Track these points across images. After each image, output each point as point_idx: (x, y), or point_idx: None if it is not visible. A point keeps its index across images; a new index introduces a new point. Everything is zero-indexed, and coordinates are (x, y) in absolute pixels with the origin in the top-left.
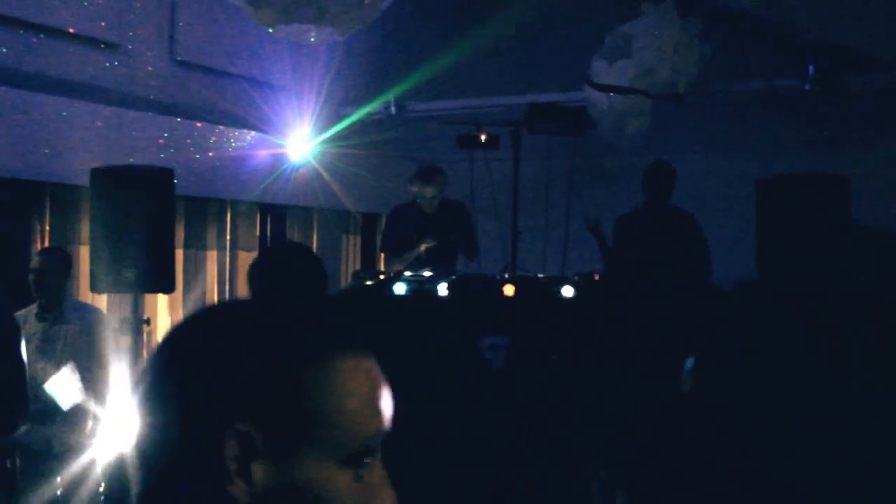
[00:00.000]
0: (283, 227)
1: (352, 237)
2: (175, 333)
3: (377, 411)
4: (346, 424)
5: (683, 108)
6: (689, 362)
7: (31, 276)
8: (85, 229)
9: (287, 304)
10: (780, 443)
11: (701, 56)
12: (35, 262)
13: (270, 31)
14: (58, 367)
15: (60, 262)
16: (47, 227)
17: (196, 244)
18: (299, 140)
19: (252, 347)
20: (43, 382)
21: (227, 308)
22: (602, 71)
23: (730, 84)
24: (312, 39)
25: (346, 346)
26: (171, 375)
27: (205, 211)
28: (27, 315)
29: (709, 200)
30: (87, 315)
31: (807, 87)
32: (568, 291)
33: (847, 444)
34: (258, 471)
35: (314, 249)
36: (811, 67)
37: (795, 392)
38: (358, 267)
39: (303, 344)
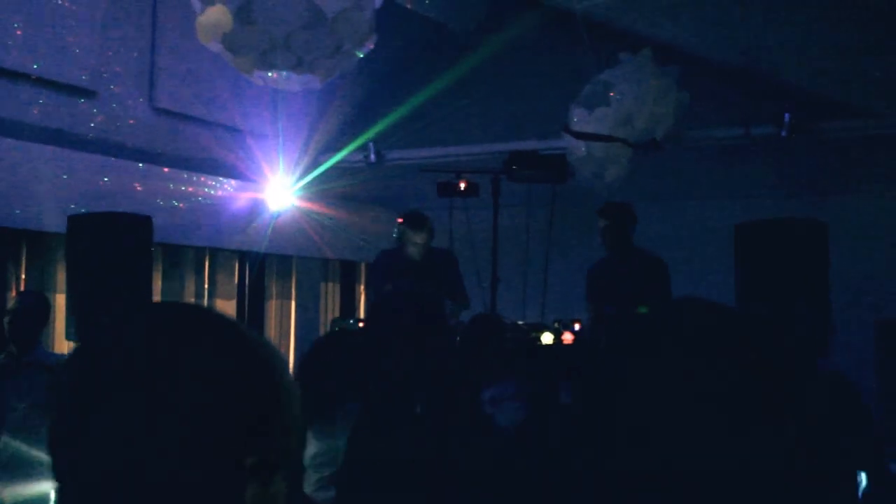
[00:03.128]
0: (262, 275)
1: (331, 284)
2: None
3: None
4: (296, 439)
5: (662, 155)
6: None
7: (6, 319)
8: (61, 277)
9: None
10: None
11: (678, 104)
12: (12, 303)
13: (249, 77)
14: (23, 415)
15: (37, 305)
16: (23, 276)
17: (174, 292)
18: (278, 188)
19: (237, 380)
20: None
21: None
22: (581, 119)
23: (707, 131)
24: (287, 86)
25: (286, 365)
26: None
27: (183, 259)
28: None
29: (687, 247)
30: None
31: (783, 133)
32: (547, 338)
33: None
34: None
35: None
36: (787, 115)
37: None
38: (337, 314)
39: (272, 368)
